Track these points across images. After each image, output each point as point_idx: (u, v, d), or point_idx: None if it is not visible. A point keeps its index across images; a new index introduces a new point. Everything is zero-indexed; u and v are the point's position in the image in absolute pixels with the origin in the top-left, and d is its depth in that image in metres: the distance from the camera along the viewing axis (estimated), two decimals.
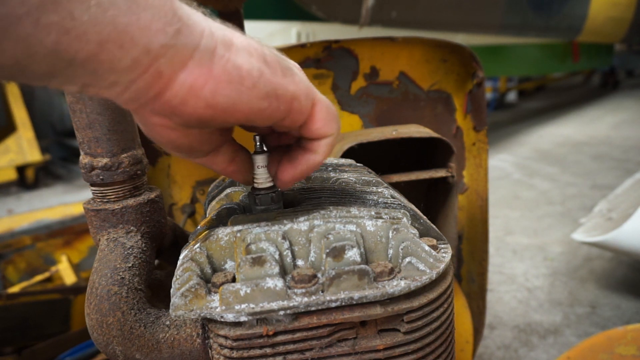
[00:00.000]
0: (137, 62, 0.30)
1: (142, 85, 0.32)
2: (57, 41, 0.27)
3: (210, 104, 0.34)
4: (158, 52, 0.30)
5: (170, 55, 0.31)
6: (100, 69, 0.30)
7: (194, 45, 0.32)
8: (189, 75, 0.32)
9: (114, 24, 0.28)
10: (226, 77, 0.33)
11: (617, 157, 4.23)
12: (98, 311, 0.46)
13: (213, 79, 0.33)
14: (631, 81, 9.56)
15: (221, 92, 0.33)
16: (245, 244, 0.43)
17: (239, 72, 0.34)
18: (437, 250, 0.47)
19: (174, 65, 0.31)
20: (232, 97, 0.34)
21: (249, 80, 0.34)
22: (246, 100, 0.35)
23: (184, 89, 0.33)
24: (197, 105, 0.33)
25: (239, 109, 0.35)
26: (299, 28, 2.97)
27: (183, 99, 0.33)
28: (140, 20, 0.29)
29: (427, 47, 1.04)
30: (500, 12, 3.97)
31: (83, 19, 0.27)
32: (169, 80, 0.32)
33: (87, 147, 0.53)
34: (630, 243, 1.71)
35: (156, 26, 0.30)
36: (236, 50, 0.34)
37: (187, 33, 0.31)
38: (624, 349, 0.83)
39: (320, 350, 0.41)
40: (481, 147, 1.10)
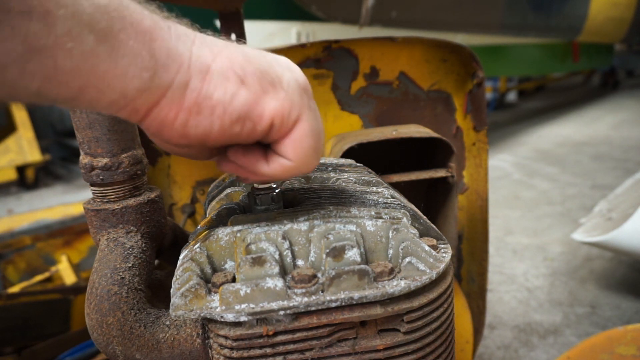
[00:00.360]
0: (114, 103, 0.33)
1: (124, 116, 0.35)
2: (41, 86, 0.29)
3: (182, 134, 0.36)
4: (134, 95, 0.33)
5: (145, 96, 0.33)
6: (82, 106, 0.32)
7: (167, 84, 0.34)
8: (160, 112, 0.34)
9: (94, 71, 0.30)
10: (196, 109, 0.35)
11: (617, 157, 4.23)
12: (98, 311, 0.46)
13: (183, 112, 0.35)
14: (631, 81, 9.55)
15: (191, 123, 0.35)
16: (245, 244, 0.43)
17: (210, 102, 0.35)
18: (437, 250, 0.47)
19: (147, 104, 0.34)
20: (202, 127, 0.36)
21: (220, 108, 0.35)
22: (218, 127, 0.36)
23: (157, 123, 0.35)
24: (171, 135, 0.36)
25: (211, 136, 0.36)
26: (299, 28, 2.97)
27: (157, 129, 0.36)
28: (117, 68, 0.31)
29: (427, 47, 1.04)
30: (500, 12, 3.97)
31: (66, 66, 0.29)
32: (145, 115, 0.35)
33: (87, 147, 0.53)
34: (630, 243, 1.71)
35: (132, 72, 0.32)
36: (210, 79, 0.35)
37: (161, 74, 0.33)
38: (624, 349, 0.83)
39: (320, 350, 0.41)
40: (481, 147, 1.10)
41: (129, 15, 0.31)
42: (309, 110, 0.40)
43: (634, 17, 5.26)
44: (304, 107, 0.39)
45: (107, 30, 0.30)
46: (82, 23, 0.28)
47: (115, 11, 0.30)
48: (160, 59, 0.33)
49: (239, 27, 1.11)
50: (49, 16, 0.27)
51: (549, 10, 4.44)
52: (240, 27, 1.10)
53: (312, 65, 1.00)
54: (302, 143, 0.39)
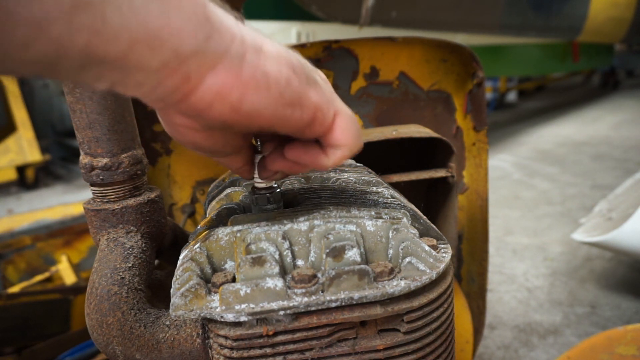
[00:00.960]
0: (165, 65, 0.30)
1: (170, 87, 0.32)
2: (88, 42, 0.27)
3: (236, 108, 0.34)
4: (187, 56, 0.30)
5: (200, 59, 0.31)
6: (129, 68, 0.30)
7: (223, 51, 0.32)
8: (217, 80, 0.32)
9: (145, 26, 0.28)
10: (254, 84, 0.33)
11: (617, 157, 4.23)
12: (98, 311, 0.46)
13: (241, 85, 0.33)
14: (631, 81, 9.56)
15: (248, 98, 0.34)
16: (245, 244, 0.43)
17: (267, 80, 0.34)
18: (437, 250, 0.47)
19: (202, 70, 0.32)
20: (258, 104, 0.34)
21: (276, 88, 0.35)
22: (272, 107, 0.35)
23: (211, 93, 0.33)
24: (223, 109, 0.34)
25: (263, 116, 0.35)
26: (299, 28, 2.97)
27: (209, 103, 0.33)
28: (171, 24, 0.29)
29: (427, 47, 1.04)
30: (500, 12, 3.97)
31: (114, 21, 0.27)
32: (197, 84, 0.32)
33: (87, 147, 0.53)
34: (630, 243, 1.71)
35: (187, 30, 0.30)
36: (265, 57, 0.34)
37: (217, 38, 0.32)
38: (624, 349, 0.83)
39: (320, 350, 0.41)
40: (481, 147, 1.10)
41: None
42: (340, 101, 0.42)
43: (634, 17, 5.26)
44: (337, 100, 0.41)
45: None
46: None
47: None
48: (215, 23, 0.31)
49: None
50: None
51: (549, 10, 4.44)
52: None
53: (312, 65, 1.00)
54: (349, 130, 0.41)
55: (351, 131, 0.41)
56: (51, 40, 0.26)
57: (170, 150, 1.02)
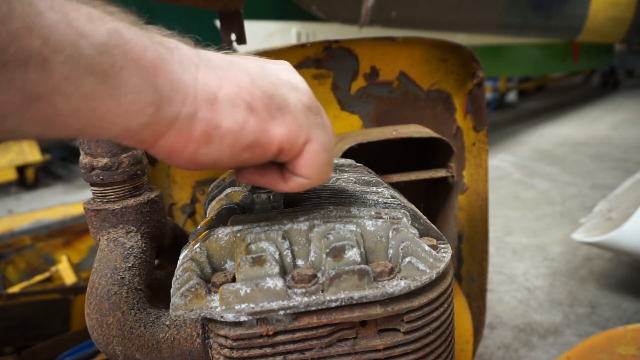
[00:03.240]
0: (118, 137, 0.32)
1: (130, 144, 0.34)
2: (41, 131, 0.28)
3: (192, 161, 0.36)
4: (138, 130, 0.32)
5: (150, 129, 0.33)
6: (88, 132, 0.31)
7: (173, 117, 0.33)
8: (169, 142, 0.34)
9: (95, 112, 0.29)
10: (205, 138, 0.34)
11: (617, 157, 4.23)
12: (98, 311, 0.46)
13: (193, 142, 0.34)
14: (631, 81, 9.56)
15: (201, 152, 0.35)
16: (245, 244, 0.43)
17: (219, 131, 0.35)
18: (437, 250, 0.47)
19: (154, 136, 0.33)
20: (212, 155, 0.35)
21: (229, 137, 0.35)
22: (228, 155, 0.36)
23: (165, 151, 0.35)
24: (180, 162, 0.36)
25: (221, 162, 0.36)
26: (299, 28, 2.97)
27: (166, 157, 0.35)
28: (120, 107, 0.30)
29: (427, 47, 1.04)
30: (500, 12, 3.97)
31: (65, 110, 0.28)
32: (152, 145, 0.34)
33: (87, 147, 0.53)
34: (630, 243, 1.71)
35: (135, 109, 0.31)
36: (218, 108, 0.34)
37: (167, 108, 0.32)
38: (624, 349, 0.83)
39: (320, 350, 0.41)
40: (481, 147, 1.10)
41: (131, 50, 0.30)
42: (316, 128, 0.40)
43: (634, 17, 5.26)
44: (312, 126, 0.39)
45: (107, 70, 0.29)
46: (81, 66, 0.27)
47: (116, 48, 0.29)
48: (164, 92, 0.32)
49: (239, 27, 1.11)
50: (46, 64, 0.26)
51: (549, 10, 4.44)
52: (240, 27, 1.10)
53: (312, 65, 1.00)
54: (315, 161, 0.39)
55: (318, 162, 0.39)
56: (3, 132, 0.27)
57: None
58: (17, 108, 0.26)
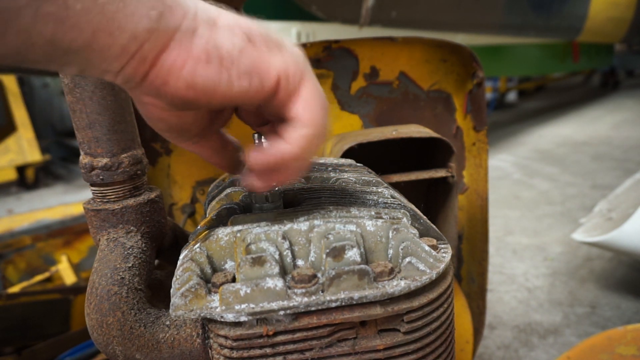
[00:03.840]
0: (125, 50, 0.32)
1: (130, 71, 0.33)
2: (54, 31, 0.28)
3: (190, 84, 0.34)
4: (143, 37, 0.32)
5: (154, 38, 0.32)
6: (93, 58, 0.31)
7: (175, 27, 0.33)
8: (168, 57, 0.33)
9: (103, 12, 0.30)
10: (205, 57, 0.34)
11: (617, 157, 4.23)
12: (98, 311, 0.46)
13: (192, 59, 0.34)
14: (631, 81, 9.55)
15: (200, 72, 0.34)
16: (245, 244, 0.43)
17: (218, 52, 0.34)
18: (437, 250, 0.47)
19: (156, 48, 0.33)
20: (211, 77, 0.35)
21: (228, 59, 0.35)
22: (226, 79, 0.35)
23: (164, 70, 0.34)
24: (178, 85, 0.34)
25: (219, 90, 0.35)
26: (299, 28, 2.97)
27: (164, 79, 0.34)
28: (126, 7, 0.30)
29: (427, 47, 1.04)
30: (500, 12, 3.97)
31: (76, 8, 0.28)
32: (152, 64, 0.33)
33: (87, 147, 0.53)
34: (630, 243, 1.71)
35: (140, 12, 0.31)
36: (217, 30, 0.35)
37: (168, 15, 0.33)
38: (624, 349, 0.83)
39: (320, 350, 0.41)
40: (481, 147, 1.10)
41: None
42: (310, 71, 0.40)
43: (634, 17, 5.26)
44: (307, 68, 0.40)
45: None
46: None
47: None
48: (166, 1, 0.33)
49: None
50: None
51: (549, 10, 4.44)
52: None
53: (312, 65, 0.99)
54: (312, 102, 0.39)
55: (315, 103, 0.39)
56: (19, 32, 0.27)
57: (170, 150, 1.02)
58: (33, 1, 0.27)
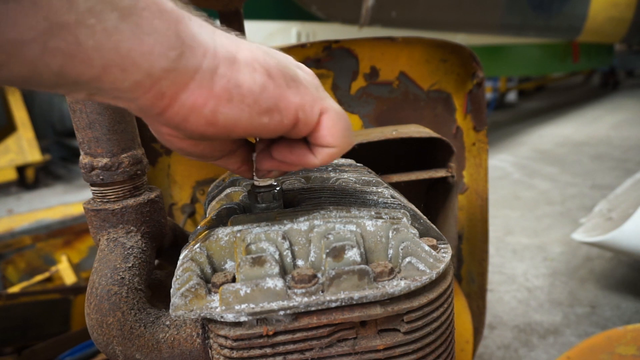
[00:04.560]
0: (139, 84, 0.31)
1: (146, 103, 0.33)
2: (63, 64, 0.28)
3: (211, 122, 0.34)
4: (160, 76, 0.31)
5: (172, 77, 0.32)
6: (104, 88, 0.31)
7: (195, 67, 0.32)
8: (190, 96, 0.33)
9: (117, 49, 0.29)
10: (226, 96, 0.34)
11: (617, 157, 4.23)
12: (98, 311, 0.46)
13: (213, 99, 0.34)
14: (631, 81, 9.55)
15: (221, 110, 0.34)
16: (245, 244, 0.43)
17: (240, 90, 0.34)
18: (437, 250, 0.47)
19: (175, 87, 0.32)
20: (232, 115, 0.35)
21: (250, 97, 0.35)
22: (247, 117, 0.35)
23: (185, 109, 0.33)
24: (199, 122, 0.34)
25: (240, 126, 0.35)
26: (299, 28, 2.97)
27: (185, 117, 0.34)
28: (143, 45, 0.30)
29: (427, 47, 1.04)
30: (500, 12, 3.97)
31: (88, 44, 0.28)
32: (171, 100, 0.33)
33: (87, 147, 0.53)
34: (630, 243, 1.71)
35: (158, 51, 0.30)
36: (238, 68, 0.34)
37: (189, 56, 0.32)
38: (624, 349, 0.83)
39: (320, 350, 0.41)
40: (481, 147, 1.10)
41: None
42: (328, 99, 0.41)
43: (634, 17, 5.26)
44: (323, 98, 0.40)
45: (130, 7, 0.29)
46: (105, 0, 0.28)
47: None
48: (186, 40, 0.32)
49: (239, 27, 1.11)
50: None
51: (549, 10, 4.44)
52: (240, 27, 1.10)
53: (312, 65, 1.00)
54: (336, 128, 0.40)
55: (339, 129, 0.40)
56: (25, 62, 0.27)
57: (170, 150, 1.02)
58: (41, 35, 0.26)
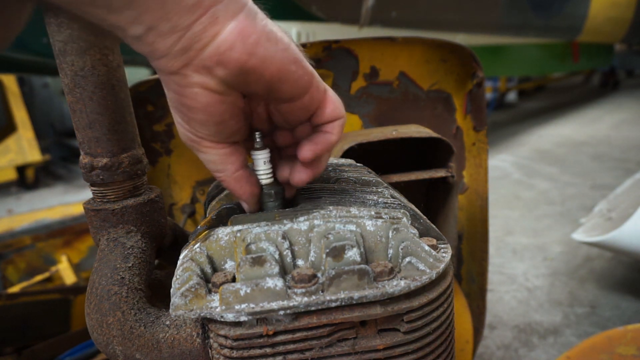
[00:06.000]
0: (198, 4, 0.35)
1: (198, 30, 0.36)
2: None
3: (252, 52, 0.38)
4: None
5: (226, 2, 0.36)
6: (168, 4, 0.34)
7: (244, 3, 0.38)
8: (239, 24, 0.37)
9: None
10: (265, 35, 0.38)
11: (617, 157, 4.23)
12: (98, 311, 0.46)
13: (256, 32, 0.38)
14: (631, 81, 9.55)
15: (262, 44, 0.38)
16: (245, 244, 0.43)
17: (275, 36, 0.39)
18: (437, 250, 0.47)
19: (227, 13, 0.36)
20: (270, 51, 0.39)
21: (282, 44, 0.40)
22: (279, 58, 0.39)
23: (234, 34, 0.37)
24: (242, 51, 0.37)
25: (273, 64, 0.39)
26: (299, 28, 2.97)
27: (232, 44, 0.37)
28: None
29: (427, 47, 1.04)
30: (500, 12, 3.97)
31: None
32: (222, 26, 0.37)
33: (87, 147, 0.53)
34: (630, 243, 1.71)
35: None
36: (270, 22, 0.40)
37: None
38: (624, 349, 0.83)
39: (320, 350, 0.41)
40: (481, 147, 1.10)
41: None
42: None
43: (634, 17, 5.26)
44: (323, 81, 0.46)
45: None
46: None
47: None
48: None
49: None
50: None
51: (549, 10, 4.44)
52: None
53: (312, 65, 1.00)
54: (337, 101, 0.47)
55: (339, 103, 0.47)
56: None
57: (170, 150, 1.02)
58: None
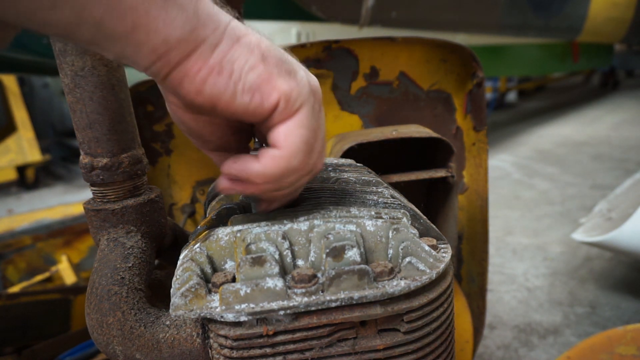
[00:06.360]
0: (154, 50, 0.36)
1: (155, 70, 0.38)
2: (103, 16, 0.33)
3: (199, 90, 0.38)
4: (172, 44, 0.36)
5: (181, 47, 0.37)
6: (128, 50, 0.36)
7: (201, 40, 0.37)
8: (187, 63, 0.38)
9: (147, 13, 0.34)
10: (218, 69, 0.38)
11: (617, 157, 4.23)
12: (98, 311, 0.46)
13: (206, 69, 0.38)
14: (631, 81, 9.54)
15: (209, 81, 0.38)
16: (245, 244, 0.43)
17: (231, 66, 0.38)
18: (437, 250, 0.47)
19: (180, 55, 0.37)
20: (218, 87, 0.38)
21: (237, 74, 0.39)
22: (230, 92, 0.39)
23: (180, 74, 0.38)
24: (190, 89, 0.38)
25: (223, 100, 0.39)
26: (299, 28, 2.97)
27: (179, 81, 0.38)
28: (167, 15, 0.35)
29: (427, 47, 1.04)
30: (500, 12, 3.97)
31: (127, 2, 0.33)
32: (173, 68, 0.38)
33: (87, 147, 0.53)
34: (630, 243, 1.71)
35: (177, 22, 0.36)
36: (238, 47, 0.39)
37: (199, 30, 0.37)
38: (624, 349, 0.83)
39: (320, 350, 0.41)
40: (481, 147, 1.10)
41: None
42: (312, 106, 0.42)
43: (634, 17, 5.26)
44: (309, 102, 0.41)
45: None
46: None
47: None
48: (201, 18, 0.37)
49: None
50: None
51: (548, 10, 4.43)
52: None
53: (312, 65, 1.00)
54: (295, 131, 0.40)
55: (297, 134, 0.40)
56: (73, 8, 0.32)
57: (170, 150, 1.02)
58: None
